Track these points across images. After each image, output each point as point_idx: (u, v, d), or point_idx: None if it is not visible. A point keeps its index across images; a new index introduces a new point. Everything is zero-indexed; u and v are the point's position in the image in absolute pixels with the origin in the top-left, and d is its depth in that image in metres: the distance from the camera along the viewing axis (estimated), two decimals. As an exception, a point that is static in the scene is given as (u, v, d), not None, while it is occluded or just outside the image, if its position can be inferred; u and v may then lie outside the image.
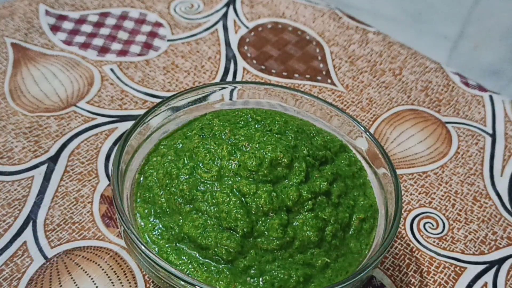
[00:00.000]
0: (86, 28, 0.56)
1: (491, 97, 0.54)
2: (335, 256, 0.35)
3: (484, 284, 0.40)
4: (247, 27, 0.59)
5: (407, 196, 0.45)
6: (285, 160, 0.35)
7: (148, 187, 0.37)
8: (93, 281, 0.37)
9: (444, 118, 0.52)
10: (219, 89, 0.42)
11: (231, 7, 0.61)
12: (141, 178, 0.38)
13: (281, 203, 0.34)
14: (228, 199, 0.33)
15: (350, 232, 0.36)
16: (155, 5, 0.60)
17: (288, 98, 0.42)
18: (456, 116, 0.52)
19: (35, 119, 0.47)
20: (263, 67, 0.55)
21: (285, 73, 0.54)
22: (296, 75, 0.54)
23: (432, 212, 0.44)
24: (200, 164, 0.35)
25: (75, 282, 0.37)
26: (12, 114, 0.47)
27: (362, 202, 0.37)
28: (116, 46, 0.54)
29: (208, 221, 0.33)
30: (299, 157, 0.35)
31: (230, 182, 0.34)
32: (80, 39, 0.55)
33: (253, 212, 0.33)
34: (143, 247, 0.31)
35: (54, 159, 0.44)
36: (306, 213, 0.34)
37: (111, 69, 0.52)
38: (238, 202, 0.33)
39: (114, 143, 0.46)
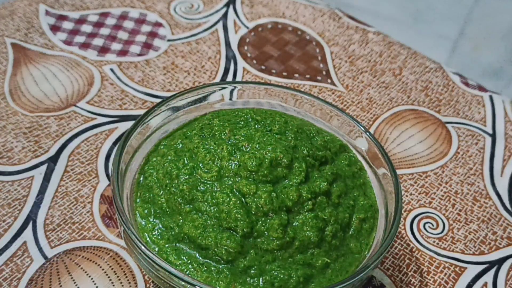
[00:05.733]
0: (86, 28, 0.56)
1: (491, 97, 0.54)
2: (335, 256, 0.35)
3: (484, 284, 0.40)
4: (247, 27, 0.59)
5: (407, 196, 0.45)
6: (285, 160, 0.35)
7: (148, 187, 0.37)
8: (93, 281, 0.37)
9: (444, 118, 0.52)
10: (219, 89, 0.42)
11: (231, 7, 0.61)
12: (141, 178, 0.38)
13: (281, 203, 0.34)
14: (228, 199, 0.33)
15: (350, 232, 0.36)
16: (155, 5, 0.60)
17: (288, 98, 0.42)
18: (456, 116, 0.52)
19: (35, 119, 0.47)
20: (263, 67, 0.54)
21: (285, 73, 0.54)
22: (296, 75, 0.54)
23: (432, 212, 0.44)
24: (200, 164, 0.35)
25: (75, 282, 0.37)
26: (12, 114, 0.47)
27: (362, 202, 0.37)
28: (116, 46, 0.54)
29: (208, 221, 0.33)
30: (299, 157, 0.35)
31: (230, 182, 0.34)
32: (80, 39, 0.55)
33: (253, 212, 0.33)
34: (143, 247, 0.31)
35: (54, 159, 0.44)
36: (306, 213, 0.34)
37: (111, 69, 0.52)
38: (238, 202, 0.33)
39: (114, 143, 0.46)
